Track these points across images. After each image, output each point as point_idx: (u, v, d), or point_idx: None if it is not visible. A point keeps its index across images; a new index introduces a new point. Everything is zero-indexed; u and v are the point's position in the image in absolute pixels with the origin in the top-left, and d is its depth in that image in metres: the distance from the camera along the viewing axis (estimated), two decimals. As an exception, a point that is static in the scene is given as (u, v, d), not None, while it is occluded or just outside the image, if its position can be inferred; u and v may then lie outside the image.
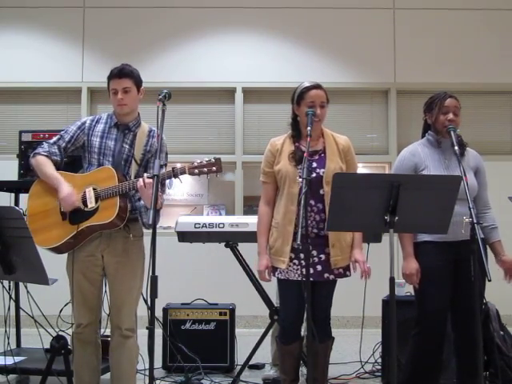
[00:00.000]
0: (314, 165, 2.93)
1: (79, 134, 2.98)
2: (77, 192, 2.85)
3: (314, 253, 2.87)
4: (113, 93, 2.91)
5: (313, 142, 2.94)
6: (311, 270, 2.81)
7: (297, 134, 2.99)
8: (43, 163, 2.89)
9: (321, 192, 2.89)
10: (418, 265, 2.92)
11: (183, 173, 2.75)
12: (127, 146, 2.95)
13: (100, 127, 2.98)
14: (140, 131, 2.98)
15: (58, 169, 2.92)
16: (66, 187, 2.82)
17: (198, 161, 2.76)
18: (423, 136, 3.14)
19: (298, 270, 2.89)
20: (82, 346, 2.93)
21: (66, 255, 2.92)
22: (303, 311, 2.93)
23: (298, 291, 2.83)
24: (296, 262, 2.88)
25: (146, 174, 2.76)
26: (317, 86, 2.94)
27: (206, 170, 2.74)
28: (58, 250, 2.86)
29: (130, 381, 2.95)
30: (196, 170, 2.74)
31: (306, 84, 2.95)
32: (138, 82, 2.94)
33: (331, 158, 2.93)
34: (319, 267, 2.88)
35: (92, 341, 2.95)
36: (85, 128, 2.98)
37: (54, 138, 2.98)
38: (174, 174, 2.74)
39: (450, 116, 2.96)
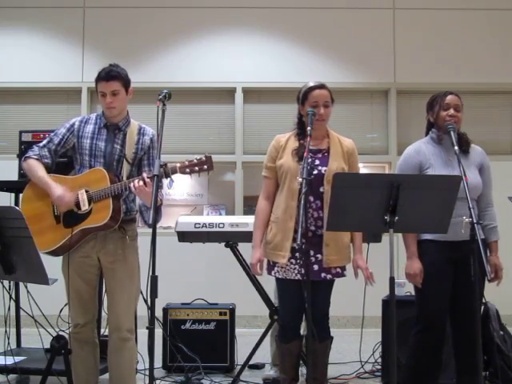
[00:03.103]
0: (317, 162, 2.94)
1: (69, 136, 2.96)
2: None
3: (311, 252, 2.88)
4: (101, 95, 2.90)
5: (317, 141, 2.97)
6: (308, 269, 2.83)
7: (302, 132, 2.99)
8: (34, 166, 2.89)
9: (321, 190, 2.90)
10: (421, 265, 2.92)
11: (174, 172, 2.74)
12: (118, 146, 2.94)
13: (89, 128, 2.97)
14: (130, 130, 2.97)
15: (49, 171, 2.92)
16: (57, 188, 2.81)
17: (189, 159, 2.74)
18: (427, 135, 3.14)
19: (295, 269, 2.89)
20: (80, 345, 2.93)
21: (61, 256, 2.92)
22: (302, 310, 2.93)
23: (296, 290, 2.84)
24: (293, 261, 2.89)
25: (145, 175, 2.75)
26: (320, 86, 2.94)
27: (197, 168, 2.73)
28: (53, 253, 2.86)
29: (130, 383, 2.95)
30: (187, 169, 2.73)
31: (310, 84, 2.97)
32: (126, 83, 2.91)
33: (334, 158, 2.95)
34: (316, 267, 2.88)
35: (89, 340, 2.96)
36: (74, 130, 2.97)
37: (44, 141, 2.98)
38: (166, 173, 2.72)
39: (451, 112, 2.97)
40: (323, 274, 2.89)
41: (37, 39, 5.97)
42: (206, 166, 2.73)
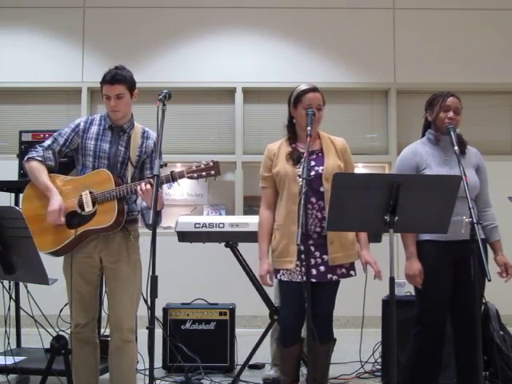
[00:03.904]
0: (313, 163, 2.93)
1: (74, 136, 2.95)
2: (73, 196, 2.83)
3: (317, 254, 2.87)
4: (106, 98, 2.88)
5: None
6: (314, 271, 2.82)
7: (293, 136, 3.00)
8: (37, 169, 2.87)
9: (321, 189, 2.89)
10: (420, 265, 2.92)
11: (182, 177, 2.74)
12: (123, 149, 2.93)
13: (94, 129, 2.95)
14: (134, 133, 2.97)
15: (52, 172, 2.91)
16: (55, 201, 2.78)
17: (197, 164, 2.74)
18: (423, 135, 3.14)
19: (300, 271, 2.87)
20: (80, 345, 2.93)
21: (63, 256, 2.92)
22: (304, 312, 2.92)
23: (300, 292, 2.82)
24: (298, 263, 2.87)
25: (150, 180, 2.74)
26: (313, 89, 2.94)
27: (204, 173, 2.72)
28: (55, 253, 2.86)
29: (130, 383, 2.94)
30: (194, 174, 2.72)
31: (303, 87, 2.96)
32: (131, 87, 2.89)
33: (329, 156, 2.94)
34: (322, 268, 2.87)
35: (90, 340, 2.96)
36: (79, 130, 2.95)
37: (48, 142, 2.95)
38: (173, 177, 2.73)
39: (451, 114, 2.97)
40: (329, 276, 2.88)
41: (37, 39, 5.97)
42: (213, 172, 2.73)
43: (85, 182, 2.85)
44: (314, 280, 2.79)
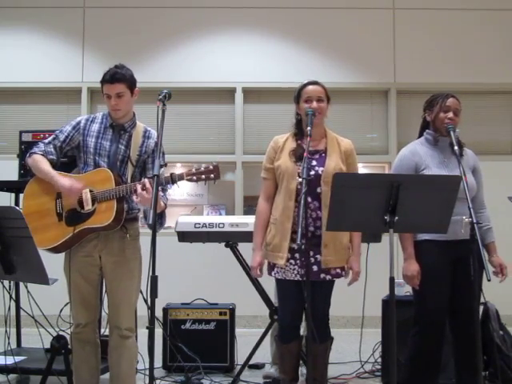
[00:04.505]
0: (314, 163, 2.94)
1: (74, 134, 2.96)
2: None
3: (311, 253, 2.87)
4: (106, 97, 2.90)
5: (315, 142, 2.96)
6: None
7: (300, 132, 3.00)
8: (40, 160, 2.88)
9: (318, 190, 2.89)
10: (418, 267, 2.93)
11: (181, 179, 2.75)
12: (123, 147, 2.94)
13: (95, 127, 2.97)
14: (135, 132, 2.97)
15: (54, 168, 2.91)
16: (65, 180, 2.81)
17: (197, 167, 2.75)
18: (420, 135, 3.15)
19: (294, 269, 2.89)
20: (81, 345, 2.93)
21: (63, 256, 2.92)
22: (301, 310, 2.93)
23: (296, 290, 2.84)
24: (292, 261, 2.89)
25: (146, 180, 2.73)
26: (313, 82, 2.97)
27: (203, 177, 2.73)
28: (55, 250, 2.86)
29: (130, 381, 2.95)
30: (194, 177, 2.73)
31: (304, 82, 2.99)
32: (131, 85, 2.90)
33: (331, 158, 2.94)
34: (315, 267, 2.88)
35: (91, 340, 2.96)
36: (80, 128, 2.97)
37: (49, 138, 2.97)
38: (172, 179, 2.74)
39: (450, 115, 2.97)
40: (322, 275, 2.89)
41: (37, 39, 5.97)
42: (212, 175, 2.73)
43: (85, 181, 2.86)
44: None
